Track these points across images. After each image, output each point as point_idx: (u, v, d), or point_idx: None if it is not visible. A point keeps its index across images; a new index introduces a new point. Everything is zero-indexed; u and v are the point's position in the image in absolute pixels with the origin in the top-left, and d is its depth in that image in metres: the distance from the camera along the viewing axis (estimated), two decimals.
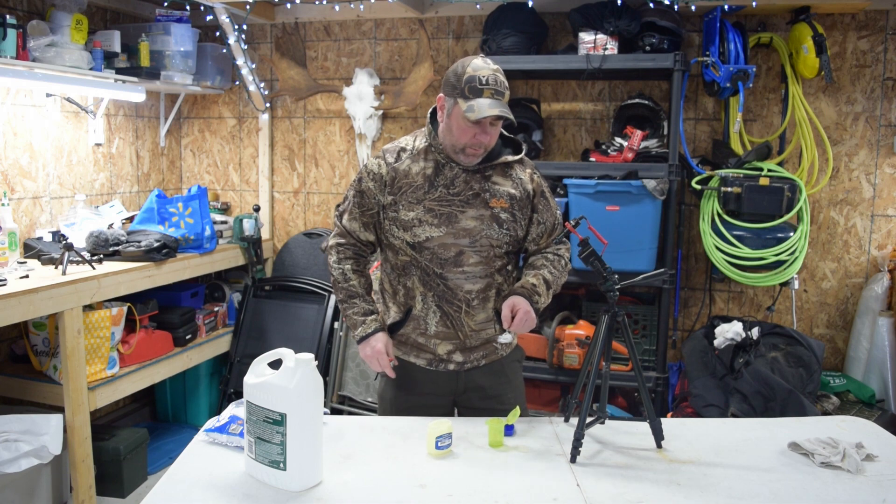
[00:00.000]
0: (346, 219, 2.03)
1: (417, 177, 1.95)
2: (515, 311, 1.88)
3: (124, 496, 3.18)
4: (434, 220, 1.93)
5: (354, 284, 2.02)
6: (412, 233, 1.94)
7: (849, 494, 1.57)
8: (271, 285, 3.95)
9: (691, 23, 3.41)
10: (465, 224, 1.93)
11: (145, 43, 3.36)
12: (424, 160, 1.97)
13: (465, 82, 1.85)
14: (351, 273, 2.02)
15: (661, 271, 2.14)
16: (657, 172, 3.09)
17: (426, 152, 1.98)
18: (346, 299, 2.02)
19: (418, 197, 1.94)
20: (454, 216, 1.93)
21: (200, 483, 1.57)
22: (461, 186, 1.94)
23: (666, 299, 3.19)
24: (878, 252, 3.33)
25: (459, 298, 1.97)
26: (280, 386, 1.52)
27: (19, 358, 3.12)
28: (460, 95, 1.86)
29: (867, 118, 3.30)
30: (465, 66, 1.87)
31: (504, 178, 1.99)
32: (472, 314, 1.98)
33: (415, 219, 1.93)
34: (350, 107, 3.76)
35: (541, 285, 1.96)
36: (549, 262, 2.04)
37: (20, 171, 3.17)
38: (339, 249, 2.04)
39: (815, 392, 2.95)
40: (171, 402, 3.95)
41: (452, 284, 1.96)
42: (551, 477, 1.64)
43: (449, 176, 1.95)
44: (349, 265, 2.03)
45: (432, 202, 1.93)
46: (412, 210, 1.93)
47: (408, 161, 1.98)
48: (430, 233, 1.93)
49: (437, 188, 1.94)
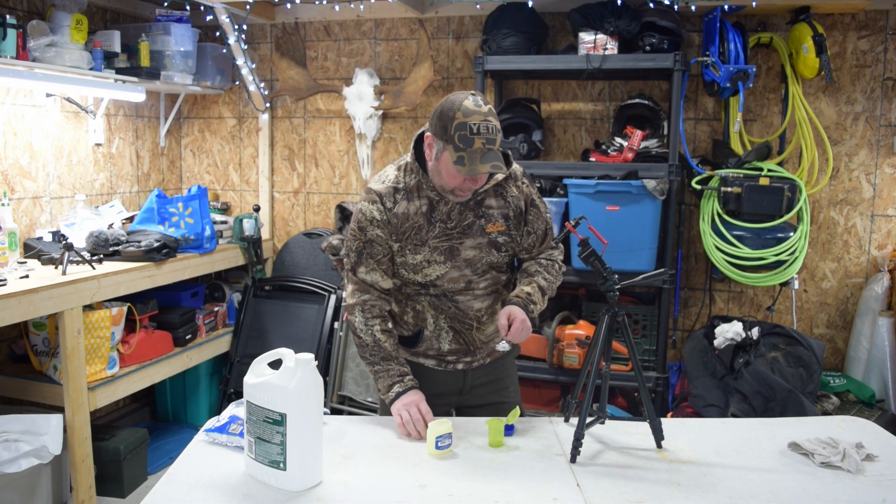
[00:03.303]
0: (364, 271, 1.93)
1: (416, 217, 1.90)
2: (512, 320, 1.87)
3: (124, 496, 3.18)
4: (440, 258, 1.92)
5: (387, 347, 1.94)
6: (423, 274, 1.93)
7: (849, 494, 1.57)
8: (271, 285, 3.95)
9: (691, 23, 3.41)
10: (465, 255, 1.93)
11: (145, 43, 3.36)
12: (418, 198, 1.91)
13: (455, 129, 1.74)
14: (380, 334, 1.94)
15: (661, 271, 2.14)
16: (657, 172, 3.09)
17: (418, 189, 1.91)
18: (378, 362, 1.94)
19: (422, 238, 1.90)
20: (455, 249, 1.92)
21: (200, 483, 1.57)
22: (457, 219, 1.91)
23: (666, 299, 3.19)
24: (878, 252, 3.33)
25: (470, 317, 2.00)
26: (280, 386, 1.52)
27: (19, 358, 3.12)
28: (449, 142, 1.76)
29: (867, 118, 3.30)
30: (454, 110, 1.75)
31: (496, 197, 1.95)
32: (482, 329, 2.03)
33: (423, 261, 1.91)
34: (350, 107, 3.76)
35: (536, 293, 1.96)
36: (543, 268, 2.03)
37: (20, 171, 3.17)
38: (363, 309, 1.94)
39: (815, 392, 2.95)
40: (171, 402, 3.95)
41: (463, 306, 1.98)
42: (551, 477, 1.64)
43: (444, 211, 1.91)
44: (377, 326, 1.94)
45: (434, 240, 1.91)
46: (419, 253, 1.91)
47: (404, 203, 1.90)
48: (438, 271, 1.93)
49: (435, 225, 1.90)
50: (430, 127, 1.84)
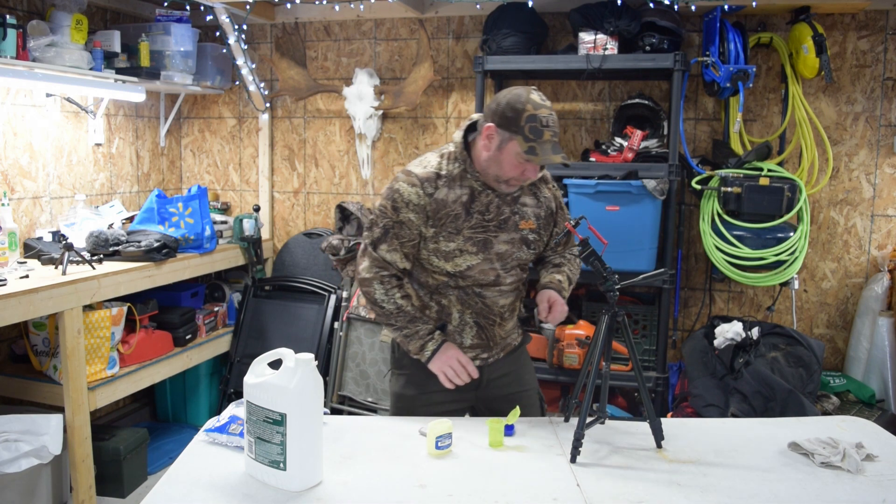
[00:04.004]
0: (386, 249, 1.96)
1: (455, 205, 1.93)
2: (552, 303, 1.98)
3: (124, 496, 3.18)
4: (473, 249, 1.95)
5: (409, 310, 1.98)
6: (453, 263, 1.95)
7: (849, 494, 1.57)
8: (271, 285, 3.95)
9: (691, 23, 3.41)
10: (498, 248, 1.97)
11: (145, 43, 3.36)
12: (460, 187, 1.94)
13: (525, 120, 1.81)
14: (401, 300, 1.97)
15: (661, 271, 2.14)
16: (657, 172, 3.09)
17: (461, 178, 1.95)
18: (405, 325, 1.97)
19: (458, 227, 1.93)
20: (489, 242, 1.96)
21: (200, 483, 1.57)
22: (494, 212, 1.96)
23: (666, 299, 3.19)
24: (878, 252, 3.33)
25: (495, 313, 2.05)
26: (280, 386, 1.52)
27: (19, 358, 3.12)
28: (519, 133, 1.82)
29: (867, 118, 3.30)
30: (523, 102, 1.82)
31: (531, 197, 2.04)
32: (503, 325, 2.08)
33: (456, 249, 1.94)
34: (350, 107, 3.76)
35: (565, 281, 2.08)
36: (567, 262, 2.14)
37: (20, 171, 3.17)
38: (382, 281, 1.97)
39: (815, 392, 2.95)
40: (171, 402, 3.95)
41: (490, 302, 2.02)
42: (551, 477, 1.64)
43: (484, 202, 1.95)
44: (398, 293, 1.98)
45: (469, 230, 1.94)
46: (453, 241, 1.93)
47: (444, 189, 1.93)
48: (470, 261, 1.95)
49: (473, 215, 1.94)
50: (489, 118, 1.87)
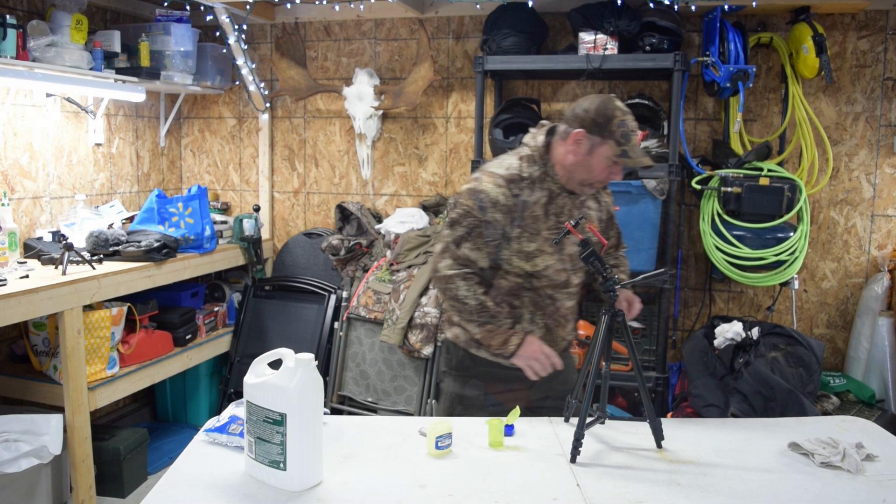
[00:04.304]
0: (469, 248, 2.00)
1: (537, 208, 2.01)
2: (630, 301, 2.07)
3: (124, 496, 3.18)
4: (550, 249, 2.02)
5: (491, 306, 2.02)
6: (533, 263, 2.01)
7: (849, 494, 1.57)
8: (271, 285, 3.95)
9: (691, 23, 3.41)
10: (569, 250, 2.05)
11: (145, 43, 3.36)
12: (539, 189, 2.02)
13: (617, 126, 1.92)
14: (483, 297, 2.01)
15: (661, 271, 2.14)
16: (657, 172, 3.09)
17: (541, 181, 2.03)
18: (488, 320, 2.01)
19: (538, 228, 2.01)
20: (562, 243, 2.01)
21: (200, 483, 1.57)
22: (568, 214, 2.05)
23: (666, 299, 3.19)
24: (878, 252, 3.33)
25: (562, 314, 2.13)
26: (280, 386, 1.52)
27: (19, 358, 3.12)
28: (611, 138, 1.92)
29: (867, 118, 3.30)
30: (612, 109, 1.93)
31: (593, 201, 2.15)
32: (566, 326, 2.16)
33: (536, 249, 2.01)
34: (350, 107, 3.76)
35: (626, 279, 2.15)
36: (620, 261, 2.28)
37: (20, 171, 3.17)
38: (465, 277, 2.01)
39: (815, 392, 2.95)
40: (171, 402, 3.95)
41: (559, 304, 2.11)
42: (551, 477, 1.64)
43: (559, 205, 2.04)
44: (480, 290, 2.02)
45: (547, 231, 2.02)
46: (534, 241, 2.01)
47: (527, 191, 2.01)
48: (548, 262, 2.03)
49: (550, 217, 2.03)
50: (577, 124, 1.95)
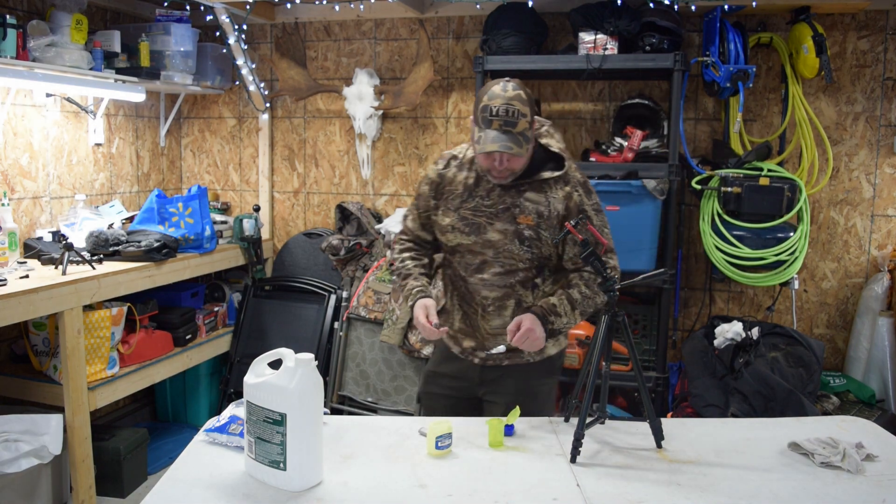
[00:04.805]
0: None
1: (459, 185, 2.05)
2: (520, 327, 1.90)
3: (124, 496, 3.18)
4: (465, 229, 2.03)
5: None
6: (446, 237, 2.08)
7: (849, 494, 1.57)
8: (271, 285, 3.95)
9: (691, 23, 3.41)
10: (490, 236, 2.01)
11: (145, 43, 3.36)
12: (469, 170, 2.06)
13: (479, 111, 1.89)
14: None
15: (661, 271, 2.14)
16: (657, 172, 3.09)
17: (471, 163, 2.06)
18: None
19: (455, 205, 2.05)
20: (482, 227, 2.01)
21: (200, 483, 1.57)
22: (495, 199, 2.01)
23: (666, 299, 3.19)
24: (878, 252, 3.33)
25: (476, 302, 2.07)
26: (280, 386, 1.52)
27: (19, 358, 3.12)
28: (475, 123, 1.93)
29: (867, 118, 3.30)
30: (483, 93, 1.90)
31: (538, 193, 1.99)
32: (487, 318, 2.08)
33: (449, 225, 2.05)
34: (350, 107, 3.76)
35: (562, 305, 1.95)
36: (583, 281, 1.99)
37: (20, 171, 3.17)
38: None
39: (815, 392, 2.95)
40: (171, 402, 3.95)
41: (472, 288, 2.07)
42: (551, 477, 1.64)
43: (486, 188, 2.02)
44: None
45: (466, 211, 2.03)
46: (448, 216, 2.05)
47: (454, 169, 2.08)
48: (460, 240, 2.04)
49: (475, 198, 2.03)
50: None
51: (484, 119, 1.87)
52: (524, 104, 1.87)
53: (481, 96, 1.90)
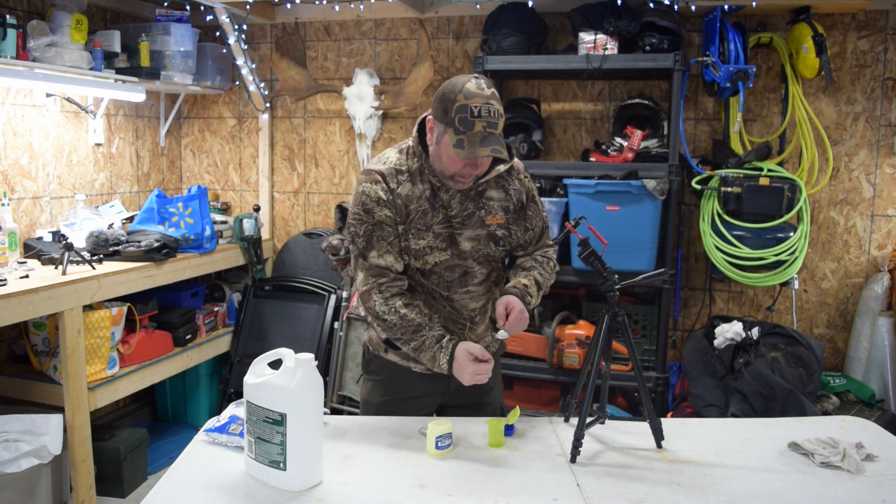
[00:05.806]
0: (376, 255, 1.86)
1: (422, 201, 1.86)
2: (510, 310, 1.85)
3: (124, 496, 3.18)
4: (441, 245, 1.88)
5: (414, 318, 1.85)
6: (423, 261, 1.88)
7: (849, 494, 1.57)
8: (271, 285, 3.95)
9: (691, 23, 3.41)
10: (463, 246, 1.90)
11: (145, 43, 3.36)
12: (420, 182, 1.87)
13: (456, 111, 1.71)
14: (404, 309, 1.85)
15: (661, 271, 2.14)
16: (657, 172, 3.09)
17: (420, 174, 1.87)
18: (412, 338, 1.85)
19: (426, 223, 1.86)
20: (454, 238, 1.89)
21: (200, 483, 1.57)
22: (458, 208, 1.89)
23: (666, 299, 3.19)
24: (878, 252, 3.33)
25: (464, 317, 1.97)
26: (280, 386, 1.52)
27: (19, 358, 3.12)
28: (450, 125, 1.73)
29: (867, 118, 3.30)
30: (456, 92, 1.72)
31: (498, 189, 1.94)
32: (474, 329, 2.00)
33: (426, 247, 1.87)
34: (350, 107, 3.76)
35: (532, 286, 1.94)
36: (539, 265, 2.00)
37: (20, 171, 3.17)
38: (380, 290, 1.86)
39: (815, 392, 2.95)
40: (171, 402, 3.95)
41: (458, 305, 1.95)
42: (551, 477, 1.64)
43: (445, 198, 1.88)
44: (398, 302, 1.86)
45: (438, 227, 1.87)
46: (422, 238, 1.87)
47: (407, 185, 1.86)
48: (438, 258, 1.89)
49: (438, 211, 1.87)
50: (432, 110, 1.81)
51: (463, 120, 1.71)
52: (499, 102, 1.77)
53: (452, 95, 1.72)
